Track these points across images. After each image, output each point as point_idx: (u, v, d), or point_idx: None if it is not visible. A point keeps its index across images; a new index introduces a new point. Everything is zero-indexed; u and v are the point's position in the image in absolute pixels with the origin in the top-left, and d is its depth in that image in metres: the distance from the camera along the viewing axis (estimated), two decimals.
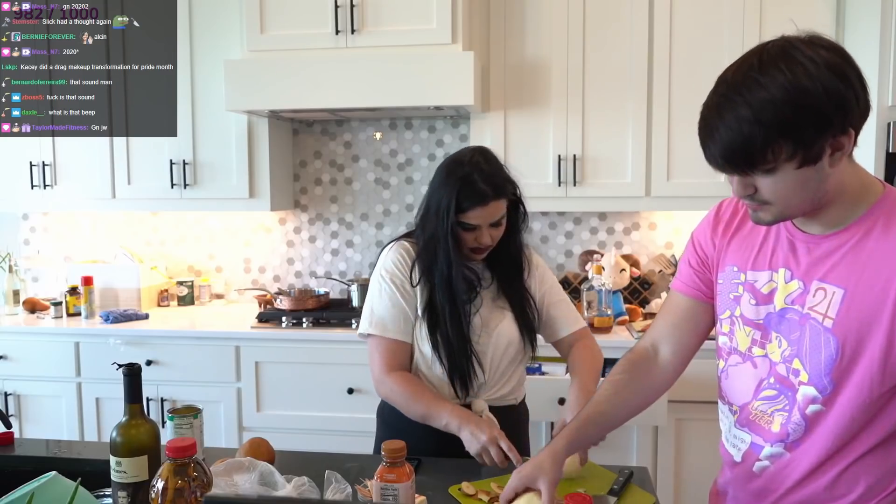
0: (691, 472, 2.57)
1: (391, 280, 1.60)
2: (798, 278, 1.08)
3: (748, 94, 0.93)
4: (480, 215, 1.53)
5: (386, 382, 1.58)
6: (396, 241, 1.67)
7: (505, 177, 1.58)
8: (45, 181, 3.09)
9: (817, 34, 0.96)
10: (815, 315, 1.05)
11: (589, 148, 2.79)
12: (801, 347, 1.06)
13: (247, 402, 2.78)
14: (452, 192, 1.52)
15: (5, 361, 2.90)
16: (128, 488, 1.18)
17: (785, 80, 0.91)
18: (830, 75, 0.92)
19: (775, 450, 1.11)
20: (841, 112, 0.93)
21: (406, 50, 2.62)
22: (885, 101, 2.40)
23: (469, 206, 1.52)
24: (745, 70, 0.96)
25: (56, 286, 3.40)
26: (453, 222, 1.53)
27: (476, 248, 1.58)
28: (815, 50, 0.93)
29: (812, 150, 0.94)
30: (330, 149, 3.29)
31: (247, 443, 1.44)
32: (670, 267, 3.01)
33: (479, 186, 1.52)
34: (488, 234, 1.56)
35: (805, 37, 0.96)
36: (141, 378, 1.24)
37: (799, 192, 0.98)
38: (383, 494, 1.14)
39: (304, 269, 3.36)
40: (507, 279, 1.66)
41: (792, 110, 0.91)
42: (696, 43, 2.71)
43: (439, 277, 1.57)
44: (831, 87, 0.91)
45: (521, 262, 1.67)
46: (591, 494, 1.17)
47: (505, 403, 1.67)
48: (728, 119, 0.96)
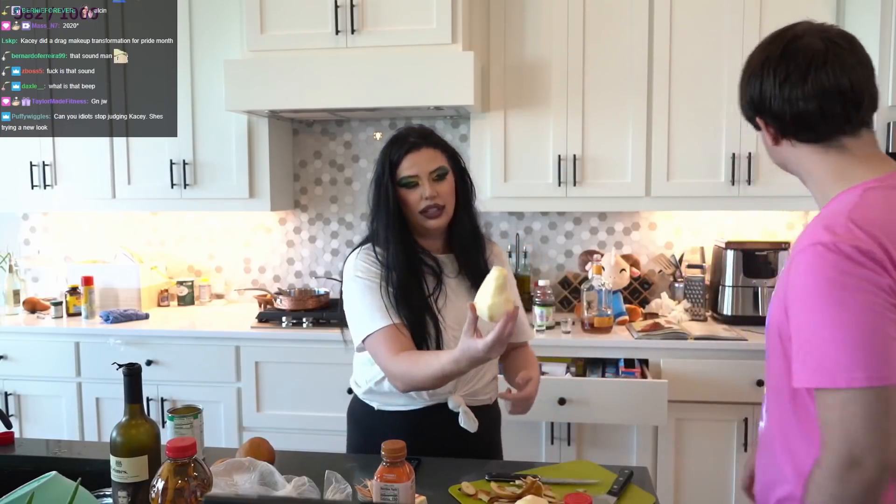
0: (691, 472, 2.57)
1: (365, 277, 1.56)
2: None
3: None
4: (415, 162, 1.53)
5: (394, 370, 1.48)
6: (354, 249, 1.65)
7: (437, 134, 1.61)
8: (45, 181, 3.09)
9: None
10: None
11: (589, 148, 2.79)
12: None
13: (247, 402, 2.78)
14: (386, 153, 1.56)
15: (5, 361, 2.91)
16: (128, 488, 1.18)
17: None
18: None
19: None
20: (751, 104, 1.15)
21: (406, 50, 2.62)
22: (885, 100, 2.40)
23: (401, 156, 1.54)
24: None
25: (56, 286, 3.40)
26: (391, 182, 1.54)
27: (426, 209, 1.54)
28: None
29: (751, 121, 1.17)
30: (330, 149, 3.29)
31: (247, 443, 1.44)
32: (670, 267, 3.01)
33: (409, 138, 1.56)
34: (432, 188, 1.53)
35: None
36: (141, 378, 1.24)
37: (771, 153, 1.18)
38: (383, 494, 1.14)
39: (304, 269, 3.36)
40: (469, 259, 1.62)
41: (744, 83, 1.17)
42: (696, 43, 2.71)
43: (390, 257, 1.55)
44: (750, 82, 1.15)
45: (478, 236, 1.65)
46: (591, 494, 1.17)
47: (479, 403, 1.63)
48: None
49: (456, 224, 1.61)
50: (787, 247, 2.80)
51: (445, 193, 1.56)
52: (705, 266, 2.96)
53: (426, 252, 1.61)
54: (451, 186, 1.58)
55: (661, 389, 2.37)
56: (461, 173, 1.62)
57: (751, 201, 2.73)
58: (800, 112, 1.08)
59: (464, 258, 1.63)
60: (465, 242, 1.63)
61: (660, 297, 2.97)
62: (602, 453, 2.54)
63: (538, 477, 1.35)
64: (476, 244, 1.64)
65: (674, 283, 2.97)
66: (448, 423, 1.56)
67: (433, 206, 1.55)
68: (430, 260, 1.60)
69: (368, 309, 1.53)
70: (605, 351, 2.61)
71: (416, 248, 1.59)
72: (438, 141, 1.59)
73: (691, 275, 2.95)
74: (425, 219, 1.56)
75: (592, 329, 2.68)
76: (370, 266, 1.58)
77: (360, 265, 1.58)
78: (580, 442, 2.58)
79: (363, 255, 1.60)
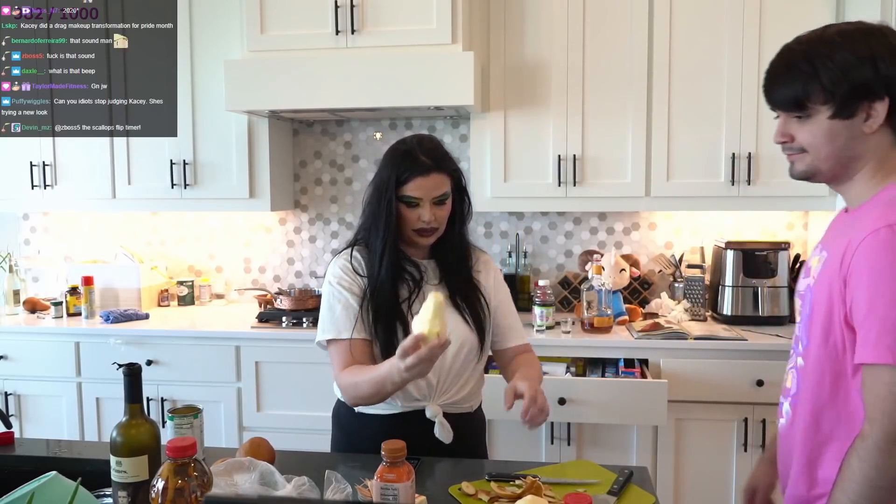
0: (691, 472, 2.57)
1: (338, 284, 1.58)
2: (825, 250, 1.20)
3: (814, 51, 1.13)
4: (422, 186, 1.52)
5: (340, 383, 1.54)
6: (342, 251, 1.66)
7: (446, 154, 1.59)
8: (45, 181, 3.09)
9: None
10: (812, 279, 1.19)
11: (589, 148, 2.79)
12: (805, 310, 1.21)
13: (247, 402, 2.78)
14: (394, 166, 1.54)
15: (5, 361, 2.91)
16: (128, 488, 1.18)
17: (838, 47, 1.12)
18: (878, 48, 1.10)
19: (787, 407, 1.25)
20: (882, 82, 1.08)
21: (406, 50, 2.62)
22: None
23: (409, 177, 1.52)
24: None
25: (56, 286, 3.40)
26: (394, 197, 1.53)
27: (421, 229, 1.55)
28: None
29: (846, 106, 1.10)
30: (330, 149, 3.30)
31: (247, 443, 1.44)
32: (670, 267, 3.01)
33: (420, 158, 1.53)
34: (431, 212, 1.53)
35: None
36: (141, 378, 1.24)
37: (827, 143, 1.13)
38: (383, 494, 1.14)
39: (304, 269, 3.36)
40: (452, 273, 1.62)
41: (843, 71, 1.09)
42: (696, 43, 2.71)
43: (376, 264, 1.55)
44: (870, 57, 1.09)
45: (464, 253, 1.65)
46: (591, 494, 1.17)
47: (459, 411, 1.62)
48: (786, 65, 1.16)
49: (444, 237, 1.62)
50: (787, 247, 2.80)
51: (442, 217, 1.58)
52: (705, 266, 2.96)
53: (409, 259, 1.61)
54: (448, 209, 1.59)
55: (661, 389, 2.37)
56: (461, 192, 1.63)
57: (751, 201, 2.73)
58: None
59: (446, 266, 1.63)
60: (449, 252, 1.64)
61: (660, 297, 2.97)
62: (602, 453, 2.54)
63: (538, 477, 1.35)
64: (461, 254, 1.65)
65: (674, 283, 2.97)
66: (427, 431, 1.55)
67: (427, 229, 1.56)
68: (411, 267, 1.60)
69: (333, 318, 1.56)
70: (605, 351, 2.61)
71: (401, 255, 1.60)
72: (447, 166, 1.58)
73: (691, 275, 2.95)
74: (417, 236, 1.57)
75: (592, 329, 2.68)
76: (346, 275, 1.59)
77: (338, 273, 1.60)
78: (580, 442, 2.58)
79: (342, 263, 1.61)
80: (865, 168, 1.14)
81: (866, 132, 1.11)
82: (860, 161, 1.14)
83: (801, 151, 1.16)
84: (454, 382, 1.60)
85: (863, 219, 1.10)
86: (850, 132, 1.11)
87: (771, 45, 1.36)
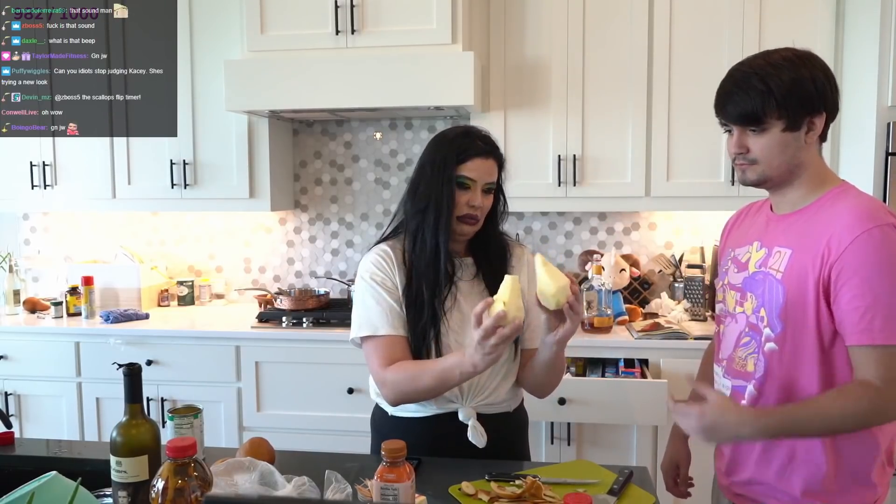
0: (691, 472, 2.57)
1: (371, 279, 1.56)
2: (765, 246, 1.36)
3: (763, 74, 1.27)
4: (479, 168, 1.51)
5: (386, 379, 1.49)
6: (375, 245, 1.63)
7: (497, 144, 1.59)
8: (45, 181, 3.09)
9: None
10: (772, 272, 1.32)
11: (589, 148, 2.79)
12: (764, 299, 1.33)
13: (247, 402, 2.78)
14: (451, 146, 1.52)
15: (5, 361, 2.91)
16: (128, 488, 1.18)
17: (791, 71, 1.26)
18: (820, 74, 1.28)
19: (751, 389, 1.35)
20: (821, 98, 1.27)
21: (406, 50, 2.62)
22: (885, 101, 2.38)
23: (468, 157, 1.50)
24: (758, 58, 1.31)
25: (56, 286, 3.40)
26: (452, 176, 1.50)
27: (466, 215, 1.53)
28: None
29: (796, 119, 1.26)
30: (330, 149, 3.30)
31: (247, 443, 1.44)
32: (670, 267, 3.01)
33: (477, 140, 1.53)
34: (481, 198, 1.52)
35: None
36: (141, 378, 1.24)
37: (779, 154, 1.28)
38: (383, 494, 1.14)
39: (304, 269, 3.36)
40: (488, 271, 1.60)
41: (791, 89, 1.25)
42: (696, 43, 2.71)
43: (424, 253, 1.52)
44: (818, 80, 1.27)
45: (502, 251, 1.63)
46: (591, 494, 1.17)
47: (496, 411, 1.57)
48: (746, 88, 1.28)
49: (481, 233, 1.60)
50: None
51: (486, 208, 1.56)
52: (705, 266, 2.96)
53: (448, 255, 1.57)
54: (491, 201, 1.58)
55: (661, 389, 2.37)
56: (499, 190, 1.62)
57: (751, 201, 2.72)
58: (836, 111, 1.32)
59: (483, 263, 1.61)
60: (487, 249, 1.62)
61: (660, 297, 2.97)
62: (602, 453, 2.54)
63: (538, 477, 1.35)
64: (499, 252, 1.63)
65: (674, 283, 2.97)
66: (462, 433, 1.52)
67: (473, 216, 1.54)
68: (448, 264, 1.57)
69: (368, 315, 1.54)
70: (605, 351, 2.61)
71: (448, 228, 1.55)
72: (500, 155, 1.57)
73: (691, 275, 2.95)
74: (460, 224, 1.54)
75: (592, 329, 2.68)
76: (379, 270, 1.56)
77: (370, 267, 1.57)
78: (580, 442, 2.58)
79: (374, 258, 1.58)
80: (805, 174, 1.31)
81: (808, 143, 1.28)
82: (801, 168, 1.30)
83: (752, 163, 1.31)
84: (488, 384, 1.56)
85: (821, 220, 1.27)
86: (797, 143, 1.28)
87: (771, 45, 1.36)
